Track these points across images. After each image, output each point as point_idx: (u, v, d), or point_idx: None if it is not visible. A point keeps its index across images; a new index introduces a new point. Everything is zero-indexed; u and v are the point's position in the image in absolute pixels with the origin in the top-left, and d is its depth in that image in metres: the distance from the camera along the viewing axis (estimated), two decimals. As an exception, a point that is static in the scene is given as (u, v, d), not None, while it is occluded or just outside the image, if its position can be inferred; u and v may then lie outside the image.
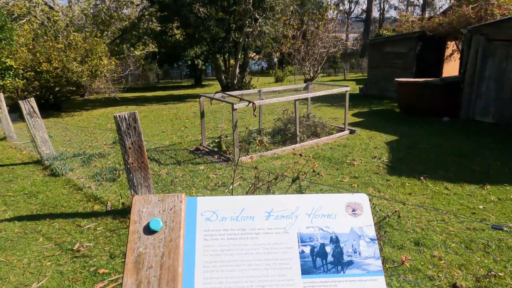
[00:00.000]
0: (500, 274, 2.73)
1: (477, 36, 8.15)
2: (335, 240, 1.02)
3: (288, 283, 0.96)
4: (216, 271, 0.96)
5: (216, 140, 6.95)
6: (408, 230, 3.45)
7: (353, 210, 1.07)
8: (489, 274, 2.74)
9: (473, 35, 8.24)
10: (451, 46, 13.43)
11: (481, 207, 3.93)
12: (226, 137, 7.26)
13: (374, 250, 1.02)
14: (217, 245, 0.99)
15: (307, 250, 1.01)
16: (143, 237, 0.97)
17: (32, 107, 5.91)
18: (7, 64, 10.88)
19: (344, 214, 1.07)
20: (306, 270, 0.98)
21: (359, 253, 1.01)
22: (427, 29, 12.14)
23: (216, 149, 6.59)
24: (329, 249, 1.01)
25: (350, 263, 1.00)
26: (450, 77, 9.60)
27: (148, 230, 0.97)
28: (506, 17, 8.41)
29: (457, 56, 13.44)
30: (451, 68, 13.46)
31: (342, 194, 1.11)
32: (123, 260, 3.19)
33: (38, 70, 11.35)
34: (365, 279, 0.98)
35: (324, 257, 1.00)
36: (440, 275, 2.75)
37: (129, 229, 0.98)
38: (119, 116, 3.17)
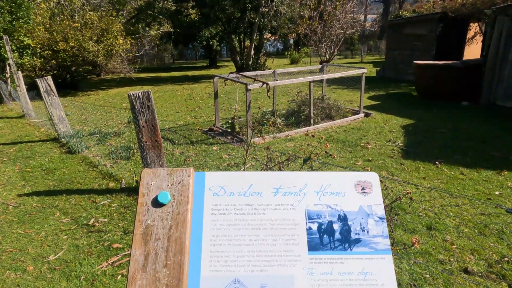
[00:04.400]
0: (513, 260, 2.69)
1: (502, 17, 7.83)
2: (343, 218, 1.01)
3: (294, 259, 0.97)
4: (223, 244, 0.97)
5: (230, 121, 6.95)
6: (421, 214, 3.42)
7: (363, 189, 1.06)
8: (502, 259, 2.71)
9: (497, 16, 7.92)
10: (474, 28, 12.96)
11: (497, 193, 3.85)
12: (240, 118, 7.25)
13: (382, 229, 1.01)
14: (224, 220, 1.00)
15: (314, 227, 1.00)
16: (151, 209, 0.98)
17: (49, 85, 5.99)
18: (25, 42, 11.01)
19: (353, 192, 1.05)
20: (313, 247, 0.98)
21: (367, 231, 1.00)
22: (449, 10, 11.71)
23: (229, 130, 6.60)
24: (336, 226, 1.00)
25: (358, 241, 0.99)
26: (472, 60, 9.29)
27: (156, 203, 0.98)
28: (534, -3, 8.05)
29: (479, 38, 12.98)
30: (472, 51, 13.02)
31: (352, 172, 1.09)
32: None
33: (55, 49, 11.45)
34: (373, 257, 0.97)
35: (332, 234, 0.99)
36: (452, 259, 2.72)
37: (137, 202, 0.99)
38: (133, 94, 3.17)
